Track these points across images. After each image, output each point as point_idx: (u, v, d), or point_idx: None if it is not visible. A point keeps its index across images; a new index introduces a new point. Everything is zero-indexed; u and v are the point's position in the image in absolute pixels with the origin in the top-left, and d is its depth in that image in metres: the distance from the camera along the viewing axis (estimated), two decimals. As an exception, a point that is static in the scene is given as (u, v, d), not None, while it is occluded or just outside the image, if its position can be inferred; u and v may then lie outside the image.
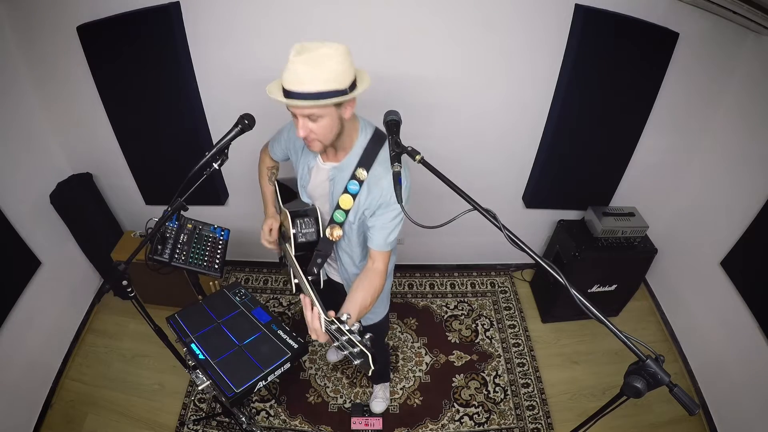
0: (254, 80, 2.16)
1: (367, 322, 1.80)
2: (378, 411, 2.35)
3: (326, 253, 1.50)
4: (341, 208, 1.38)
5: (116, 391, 2.43)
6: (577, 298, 0.91)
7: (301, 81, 1.10)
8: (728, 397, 2.24)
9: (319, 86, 1.11)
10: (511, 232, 1.00)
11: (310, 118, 1.18)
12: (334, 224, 1.42)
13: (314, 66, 1.10)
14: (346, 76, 1.15)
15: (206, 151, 1.30)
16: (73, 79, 2.16)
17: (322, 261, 1.51)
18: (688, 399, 0.85)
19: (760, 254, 2.08)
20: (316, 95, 1.11)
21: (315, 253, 1.49)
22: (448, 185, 1.11)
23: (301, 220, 1.47)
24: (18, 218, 2.20)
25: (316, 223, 1.48)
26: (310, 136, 1.23)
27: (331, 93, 1.12)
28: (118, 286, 1.44)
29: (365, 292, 1.29)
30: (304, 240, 1.47)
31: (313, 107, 1.14)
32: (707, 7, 1.87)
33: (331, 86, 1.12)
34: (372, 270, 1.37)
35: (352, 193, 1.36)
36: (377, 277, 1.36)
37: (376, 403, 2.36)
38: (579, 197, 2.63)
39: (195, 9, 1.95)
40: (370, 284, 1.32)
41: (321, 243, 1.48)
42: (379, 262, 1.38)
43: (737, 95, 2.19)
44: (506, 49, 2.07)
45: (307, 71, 1.10)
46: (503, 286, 3.05)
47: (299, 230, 1.46)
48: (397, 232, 1.38)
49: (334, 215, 1.40)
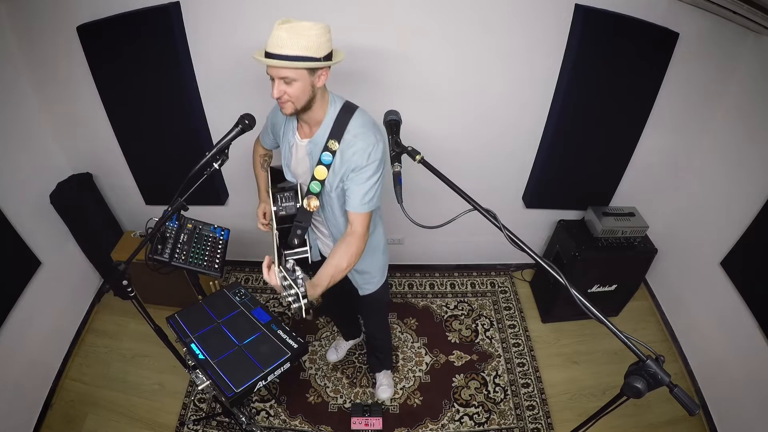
0: (254, 80, 2.18)
1: (363, 291, 1.86)
2: (385, 397, 2.38)
3: (305, 224, 1.56)
4: (316, 179, 1.46)
5: (116, 391, 2.43)
6: (577, 298, 0.91)
7: (281, 45, 1.23)
8: (728, 396, 2.24)
9: (296, 51, 1.23)
10: (511, 232, 1.00)
11: (285, 81, 1.28)
12: (311, 195, 1.50)
13: (294, 34, 1.22)
14: (323, 49, 1.27)
15: (206, 151, 1.31)
16: (73, 79, 2.16)
17: (302, 232, 1.57)
18: (688, 399, 0.85)
19: (760, 254, 2.08)
20: (293, 58, 1.23)
21: (294, 225, 1.56)
22: (448, 185, 1.11)
23: (281, 195, 1.56)
24: (18, 218, 2.20)
25: (296, 196, 1.56)
26: (283, 98, 1.31)
27: (306, 58, 1.24)
28: (118, 286, 1.44)
29: (340, 255, 1.38)
30: (284, 213, 1.55)
31: (289, 68, 1.25)
32: (707, 7, 1.87)
33: (307, 53, 1.24)
34: (350, 234, 1.44)
35: (325, 164, 1.43)
36: (355, 240, 1.42)
37: (382, 390, 2.39)
38: (579, 197, 2.63)
39: (195, 9, 1.95)
40: (348, 247, 1.40)
41: (299, 214, 1.55)
42: (357, 224, 1.44)
43: (737, 95, 2.19)
44: (506, 49, 2.07)
45: (288, 37, 1.22)
46: (503, 286, 3.05)
47: (280, 204, 1.55)
48: (374, 193, 1.43)
49: (310, 186, 1.48)
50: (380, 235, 1.78)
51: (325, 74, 1.33)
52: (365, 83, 2.09)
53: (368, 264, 1.77)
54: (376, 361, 2.41)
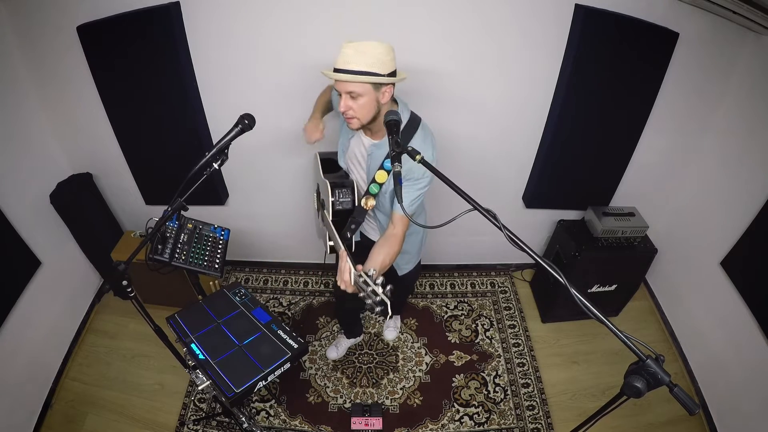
0: (254, 80, 2.18)
1: (402, 271, 2.02)
2: (390, 338, 2.63)
3: (359, 220, 1.70)
4: (376, 181, 1.60)
5: (116, 391, 2.42)
6: (577, 298, 0.91)
7: (348, 61, 1.34)
8: (728, 397, 2.24)
9: (361, 66, 1.33)
10: (511, 232, 1.00)
11: (351, 96, 1.38)
12: (369, 195, 1.63)
13: (360, 52, 1.33)
14: (387, 66, 1.36)
15: (206, 151, 1.31)
16: (73, 79, 2.16)
17: (356, 227, 1.72)
18: (688, 399, 0.85)
19: (760, 254, 2.08)
20: (358, 73, 1.33)
21: (350, 220, 1.70)
22: (448, 185, 1.11)
23: (339, 189, 1.68)
24: (18, 218, 2.20)
25: (352, 193, 1.69)
26: (348, 113, 1.42)
27: (371, 74, 1.34)
28: (118, 286, 1.43)
29: (384, 255, 1.49)
30: (341, 208, 1.68)
31: (354, 82, 1.35)
32: (707, 7, 1.87)
33: (371, 69, 1.34)
34: (392, 235, 1.55)
35: (387, 170, 1.57)
36: (396, 241, 1.55)
37: (388, 331, 2.65)
38: (579, 197, 2.63)
39: (195, 9, 1.95)
40: (390, 248, 1.52)
41: (356, 211, 1.68)
42: (399, 227, 1.56)
43: (737, 95, 2.19)
44: (506, 48, 2.07)
45: (354, 54, 1.33)
46: (503, 286, 3.05)
47: (337, 198, 1.67)
48: (421, 200, 1.59)
49: (369, 188, 1.62)
50: (421, 219, 1.91)
51: (389, 91, 1.42)
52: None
53: (409, 244, 1.86)
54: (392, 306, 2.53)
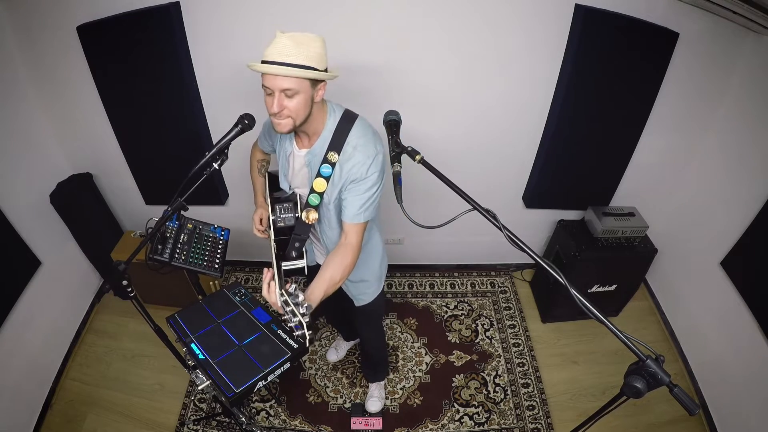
0: (254, 80, 2.18)
1: (359, 302, 1.82)
2: (373, 410, 2.33)
3: (303, 236, 1.52)
4: (315, 191, 1.42)
5: (116, 391, 2.42)
6: (577, 298, 0.91)
7: (287, 54, 1.18)
8: (728, 397, 2.24)
9: (301, 60, 1.19)
10: (511, 232, 1.00)
11: (287, 94, 1.23)
12: (309, 207, 1.46)
13: (299, 44, 1.19)
14: (323, 62, 1.25)
15: (206, 151, 1.30)
16: (73, 79, 2.16)
17: (300, 244, 1.54)
18: (688, 399, 0.85)
19: (760, 254, 2.08)
20: (298, 66, 1.19)
21: (292, 237, 1.53)
22: (448, 185, 1.11)
23: (280, 205, 1.53)
24: (18, 218, 2.20)
25: (295, 208, 1.53)
26: (283, 113, 1.26)
27: (311, 68, 1.21)
28: (118, 286, 1.43)
29: (334, 268, 1.32)
30: (282, 224, 1.52)
31: (294, 77, 1.20)
32: (707, 7, 1.87)
33: (311, 63, 1.21)
34: (344, 245, 1.39)
35: (324, 176, 1.39)
36: (349, 251, 1.37)
37: (371, 402, 2.35)
38: (579, 197, 2.63)
39: (195, 9, 1.95)
40: (342, 260, 1.35)
41: (297, 226, 1.52)
42: (352, 236, 1.39)
43: (737, 95, 2.19)
44: (506, 49, 2.07)
45: (293, 46, 1.18)
46: (503, 286, 3.05)
47: (278, 215, 1.52)
48: (371, 204, 1.39)
49: (308, 199, 1.45)
50: (377, 242, 1.71)
51: (324, 89, 1.30)
52: (365, 84, 2.09)
53: (364, 272, 1.71)
54: (370, 371, 2.40)
